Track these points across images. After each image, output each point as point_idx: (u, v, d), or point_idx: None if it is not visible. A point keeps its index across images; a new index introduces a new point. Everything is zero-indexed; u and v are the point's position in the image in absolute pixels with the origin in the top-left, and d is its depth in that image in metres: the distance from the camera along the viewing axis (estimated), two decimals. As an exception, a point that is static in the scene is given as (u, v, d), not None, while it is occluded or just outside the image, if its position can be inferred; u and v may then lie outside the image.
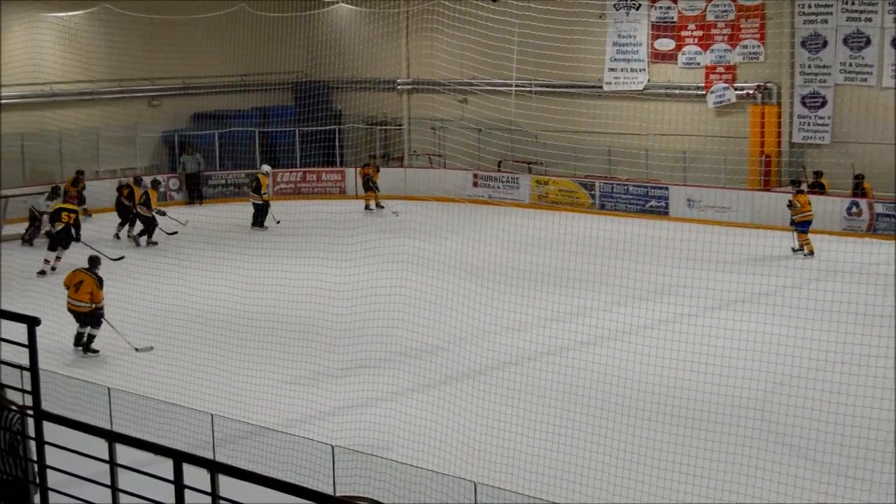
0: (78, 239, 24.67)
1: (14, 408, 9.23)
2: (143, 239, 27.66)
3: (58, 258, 24.45)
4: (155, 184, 29.36)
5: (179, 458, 7.57)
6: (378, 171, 33.27)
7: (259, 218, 29.83)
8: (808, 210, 25.20)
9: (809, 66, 29.67)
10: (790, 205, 25.40)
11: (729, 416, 14.56)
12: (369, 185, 32.73)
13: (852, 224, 27.15)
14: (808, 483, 12.26)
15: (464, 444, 13.57)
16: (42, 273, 24.29)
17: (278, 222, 29.35)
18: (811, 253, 24.72)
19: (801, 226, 25.18)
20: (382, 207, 32.49)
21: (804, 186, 26.88)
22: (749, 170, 30.32)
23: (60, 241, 24.58)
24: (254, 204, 30.06)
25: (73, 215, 24.79)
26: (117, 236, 28.45)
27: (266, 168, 31.39)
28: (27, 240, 27.89)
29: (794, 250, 25.06)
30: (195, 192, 34.66)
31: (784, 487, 12.22)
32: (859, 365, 15.39)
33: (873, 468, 12.55)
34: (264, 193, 30.09)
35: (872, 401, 14.10)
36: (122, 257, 24.81)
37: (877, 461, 12.69)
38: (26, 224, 28.21)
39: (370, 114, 37.30)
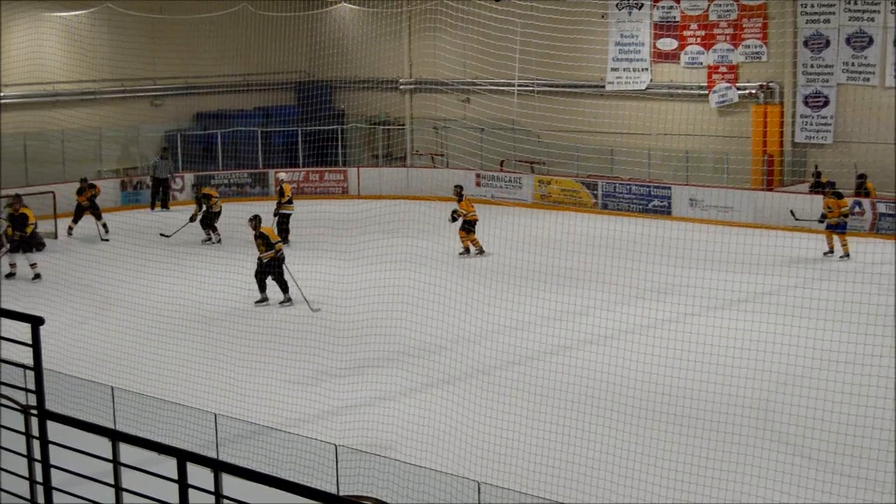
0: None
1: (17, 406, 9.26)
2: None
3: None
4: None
5: (183, 457, 7.60)
6: (461, 199, 26.30)
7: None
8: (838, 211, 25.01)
9: (812, 66, 29.68)
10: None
11: (731, 416, 14.56)
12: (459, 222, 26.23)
13: (855, 224, 27.11)
14: (809, 482, 12.26)
15: (467, 444, 13.58)
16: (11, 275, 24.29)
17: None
18: (847, 255, 24.54)
19: (841, 227, 24.89)
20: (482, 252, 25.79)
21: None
22: (752, 169, 30.34)
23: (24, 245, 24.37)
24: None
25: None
26: None
27: (282, 175, 28.99)
28: None
29: (825, 254, 24.73)
30: (163, 197, 33.31)
31: (786, 487, 12.22)
32: (861, 364, 15.39)
33: (875, 468, 12.56)
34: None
35: (875, 400, 14.10)
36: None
37: (879, 460, 12.69)
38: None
39: (373, 114, 37.33)
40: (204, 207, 27.82)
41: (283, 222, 27.13)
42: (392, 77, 37.47)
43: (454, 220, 25.89)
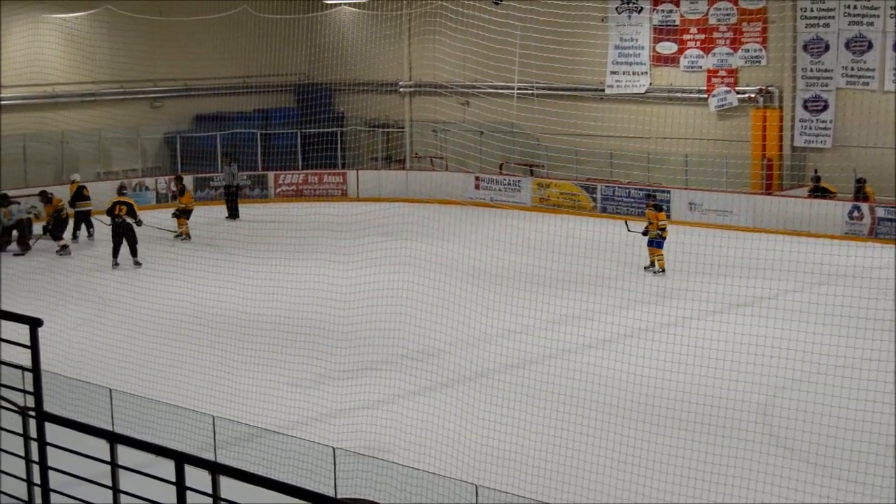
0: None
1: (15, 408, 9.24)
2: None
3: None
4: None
5: (181, 459, 7.59)
6: (182, 193, 29.56)
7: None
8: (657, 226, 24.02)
9: (811, 70, 29.69)
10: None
11: (730, 420, 14.56)
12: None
13: (854, 228, 27.15)
14: (808, 486, 12.26)
15: (465, 447, 13.56)
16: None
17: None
18: (663, 270, 23.63)
19: (657, 242, 23.94)
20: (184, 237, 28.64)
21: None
22: (751, 173, 30.33)
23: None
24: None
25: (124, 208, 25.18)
26: None
27: (75, 175, 29.98)
28: None
29: (646, 268, 23.93)
30: (231, 206, 32.09)
31: (785, 491, 12.21)
32: (861, 369, 15.37)
33: (874, 472, 12.54)
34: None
35: (874, 405, 14.10)
36: None
37: (877, 465, 12.68)
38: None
39: (372, 116, 37.31)
40: None
41: (82, 219, 28.35)
42: (392, 80, 37.48)
43: (177, 215, 28.81)
